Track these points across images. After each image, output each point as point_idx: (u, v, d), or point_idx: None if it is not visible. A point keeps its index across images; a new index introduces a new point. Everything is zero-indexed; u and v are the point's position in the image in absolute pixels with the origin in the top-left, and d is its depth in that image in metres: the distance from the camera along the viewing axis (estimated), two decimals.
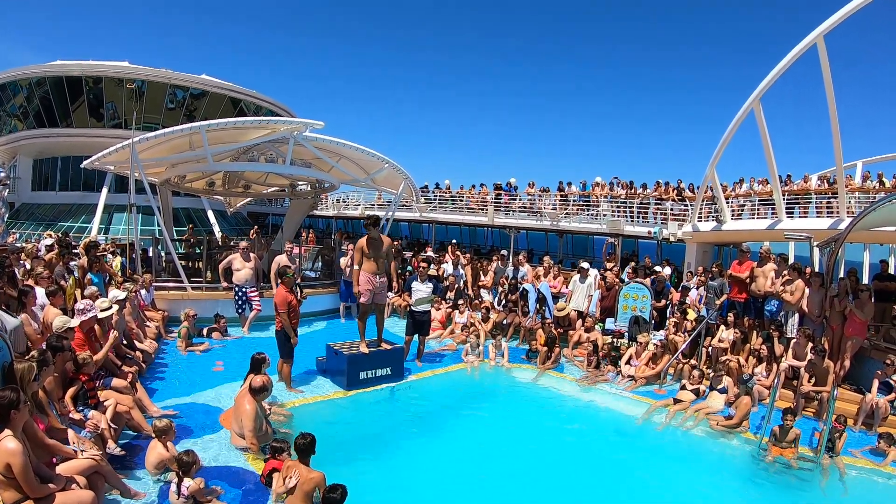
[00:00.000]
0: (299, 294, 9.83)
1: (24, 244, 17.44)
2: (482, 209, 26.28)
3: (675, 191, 21.14)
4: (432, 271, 16.24)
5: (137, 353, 9.61)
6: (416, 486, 6.54)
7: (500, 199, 25.81)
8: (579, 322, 13.13)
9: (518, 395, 10.22)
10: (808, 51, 12.82)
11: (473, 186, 28.32)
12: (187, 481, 5.41)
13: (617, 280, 14.17)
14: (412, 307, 11.28)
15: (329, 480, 5.31)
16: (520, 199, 25.93)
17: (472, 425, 8.49)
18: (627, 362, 11.13)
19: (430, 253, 20.28)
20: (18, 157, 34.63)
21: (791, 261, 12.05)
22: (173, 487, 5.45)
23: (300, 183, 19.01)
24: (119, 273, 13.16)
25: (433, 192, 29.47)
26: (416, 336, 11.29)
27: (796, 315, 11.07)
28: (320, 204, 32.79)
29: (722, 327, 11.41)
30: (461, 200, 27.74)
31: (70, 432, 5.54)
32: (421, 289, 11.32)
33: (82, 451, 5.24)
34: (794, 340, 10.47)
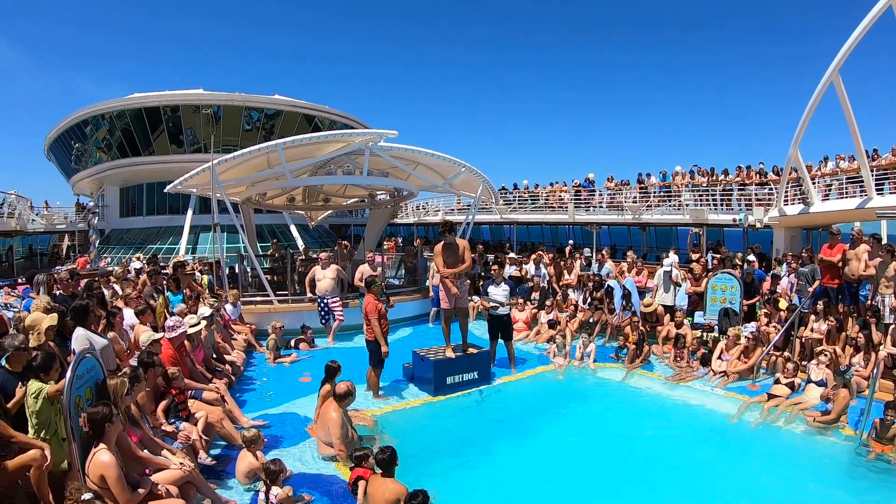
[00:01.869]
0: (387, 302, 9.92)
1: (115, 267, 18.44)
2: (562, 207, 26.04)
3: (758, 174, 20.39)
4: (515, 272, 16.17)
5: (227, 365, 10.02)
6: (504, 490, 6.43)
7: (580, 195, 25.49)
8: (667, 317, 12.75)
9: (606, 396, 9.95)
10: (885, 12, 11.92)
11: (552, 185, 28.11)
12: (275, 489, 5.53)
13: (704, 271, 13.70)
14: (489, 311, 11.24)
15: (416, 486, 5.30)
16: (600, 195, 25.55)
17: (559, 428, 8.31)
18: (719, 357, 10.69)
19: (511, 254, 20.21)
20: (105, 187, 36.88)
21: (884, 241, 11.39)
22: (261, 496, 5.58)
23: (379, 192, 19.32)
24: (206, 290, 13.67)
25: (512, 192, 29.39)
26: (500, 340, 11.19)
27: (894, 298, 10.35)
28: (400, 212, 33.26)
29: (813, 317, 10.84)
30: (540, 199, 27.55)
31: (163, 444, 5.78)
32: (496, 292, 11.25)
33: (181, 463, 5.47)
34: (893, 326, 9.79)
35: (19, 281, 16.26)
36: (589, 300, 14.26)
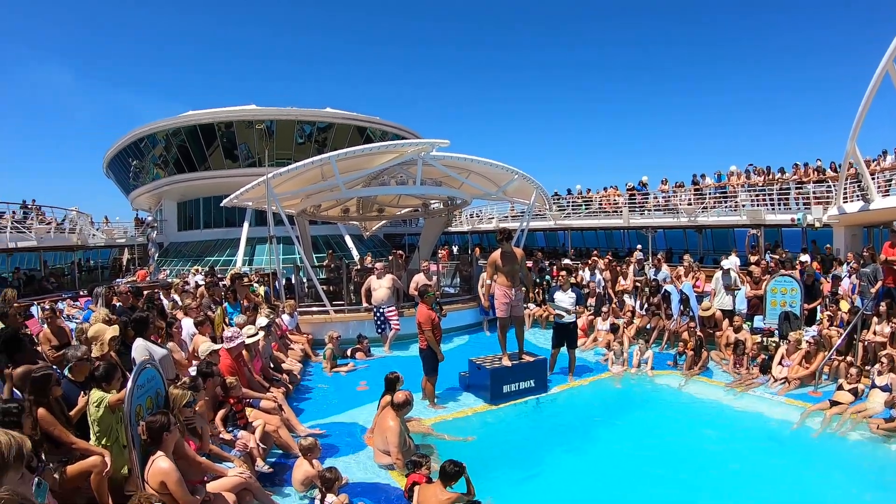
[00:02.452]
0: (440, 311, 9.94)
1: (174, 279, 19.01)
2: (616, 211, 25.74)
3: (816, 171, 19.69)
4: (571, 279, 16.05)
5: (284, 375, 10.17)
6: (560, 500, 6.35)
7: (634, 199, 25.15)
8: (726, 322, 12.36)
9: (664, 404, 9.69)
10: None
11: (605, 189, 27.85)
12: (331, 497, 5.58)
13: (764, 274, 13.30)
14: (555, 318, 11.13)
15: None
16: (654, 197, 25.16)
17: (616, 437, 8.14)
18: (779, 363, 10.29)
19: (567, 260, 20.05)
20: (163, 202, 38.25)
21: None
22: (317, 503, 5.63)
23: (432, 202, 19.41)
24: (264, 301, 13.92)
25: (565, 198, 29.20)
26: (563, 348, 11.06)
27: None
28: (455, 220, 33.33)
29: (875, 319, 10.35)
30: (594, 204, 27.31)
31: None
32: (563, 298, 11.13)
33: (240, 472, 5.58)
34: None
35: (81, 294, 16.92)
36: (646, 306, 14.04)
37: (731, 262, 14.10)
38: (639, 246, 21.07)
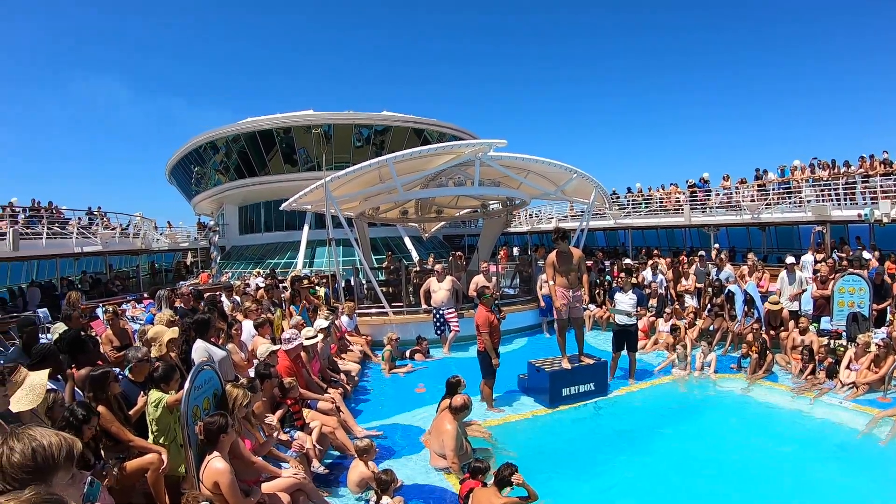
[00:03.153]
0: (499, 313, 9.88)
1: (235, 282, 19.48)
2: (677, 210, 25.20)
3: (882, 164, 18.69)
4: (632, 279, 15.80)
5: (342, 376, 10.29)
6: None
7: (695, 196, 24.56)
8: (791, 323, 11.87)
9: (727, 409, 9.37)
10: None
11: (663, 187, 27.31)
12: (386, 499, 5.60)
13: (831, 273, 12.78)
14: (615, 320, 10.96)
15: None
16: (716, 194, 24.48)
17: (677, 443, 7.92)
18: (847, 367, 9.81)
19: (628, 260, 19.74)
20: (225, 206, 39.37)
21: None
22: None
23: (491, 202, 19.37)
24: (323, 303, 14.11)
25: (625, 196, 28.77)
26: (624, 351, 10.84)
27: None
28: (514, 220, 33.20)
29: None
30: (655, 202, 26.80)
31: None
32: (623, 300, 10.94)
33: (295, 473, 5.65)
34: None
35: (144, 296, 17.48)
36: (709, 307, 13.68)
37: (807, 260, 13.61)
38: (716, 245, 20.61)
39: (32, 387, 3.37)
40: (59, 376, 5.57)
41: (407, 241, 33.29)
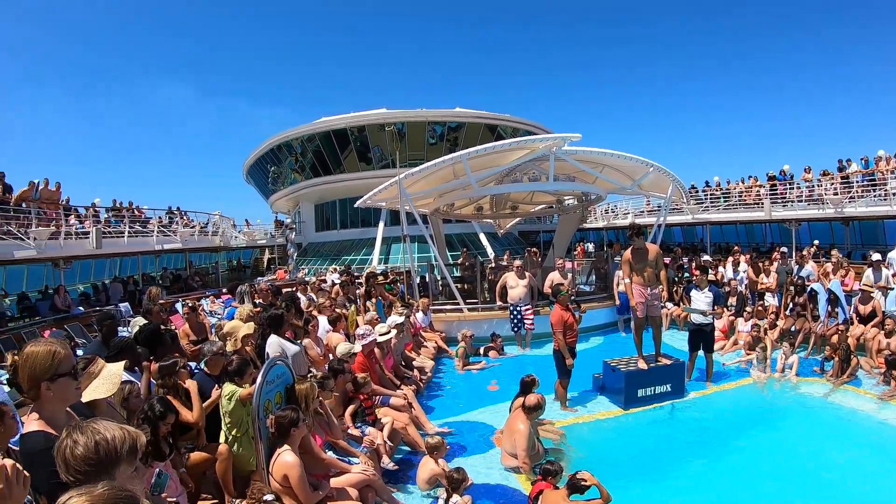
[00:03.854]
0: (578, 310, 9.72)
1: (311, 278, 19.90)
2: (757, 204, 24.29)
3: None
4: (710, 276, 15.34)
5: (415, 372, 10.36)
6: None
7: (776, 189, 23.62)
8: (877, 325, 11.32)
9: (809, 415, 8.83)
10: None
11: (743, 180, 26.38)
12: (455, 498, 5.57)
13: None
14: (691, 319, 10.67)
15: None
16: (797, 187, 23.43)
17: (755, 449, 7.53)
18: None
19: (706, 257, 19.18)
20: (301, 204, 40.56)
21: None
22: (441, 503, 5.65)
23: (566, 198, 19.16)
24: (398, 299, 14.23)
25: (702, 190, 27.95)
26: (700, 351, 10.50)
27: None
28: (589, 216, 32.77)
29: None
30: (733, 196, 25.93)
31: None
32: (699, 298, 10.60)
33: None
34: None
35: (223, 291, 18.05)
36: (790, 306, 13.10)
37: (894, 257, 12.94)
38: (816, 242, 19.81)
39: (109, 376, 3.49)
40: (136, 368, 5.77)
41: (482, 237, 33.34)
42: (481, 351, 13.00)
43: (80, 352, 8.55)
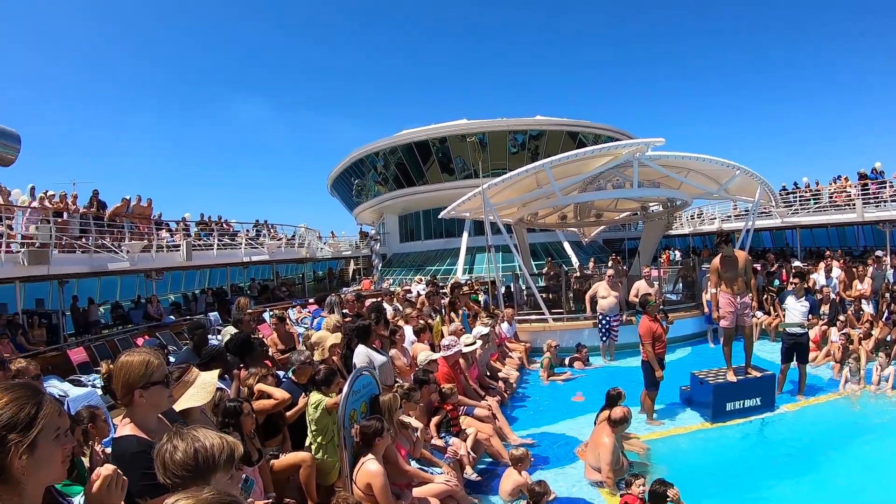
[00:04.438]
0: (666, 320, 9.52)
1: (396, 288, 20.19)
2: (848, 205, 23.09)
3: None
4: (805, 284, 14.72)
5: (500, 383, 10.37)
6: None
7: (867, 189, 22.36)
8: None
9: None
10: None
11: (834, 181, 25.10)
12: None
13: None
14: (786, 329, 10.27)
15: None
16: (890, 186, 22.07)
17: (848, 466, 7.11)
18: None
19: (797, 263, 18.42)
20: (385, 215, 41.39)
21: None
22: None
23: (651, 204, 18.81)
24: (482, 310, 14.28)
25: (792, 192, 26.82)
26: (793, 362, 10.03)
27: None
28: (675, 222, 32.03)
29: None
30: (824, 198, 24.75)
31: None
32: (795, 307, 10.16)
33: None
34: None
35: (309, 301, 18.51)
36: (886, 314, 12.43)
37: None
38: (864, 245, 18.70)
39: (204, 385, 3.62)
40: (227, 376, 6.01)
41: (566, 246, 33.00)
42: (566, 362, 12.88)
43: (171, 359, 8.99)
